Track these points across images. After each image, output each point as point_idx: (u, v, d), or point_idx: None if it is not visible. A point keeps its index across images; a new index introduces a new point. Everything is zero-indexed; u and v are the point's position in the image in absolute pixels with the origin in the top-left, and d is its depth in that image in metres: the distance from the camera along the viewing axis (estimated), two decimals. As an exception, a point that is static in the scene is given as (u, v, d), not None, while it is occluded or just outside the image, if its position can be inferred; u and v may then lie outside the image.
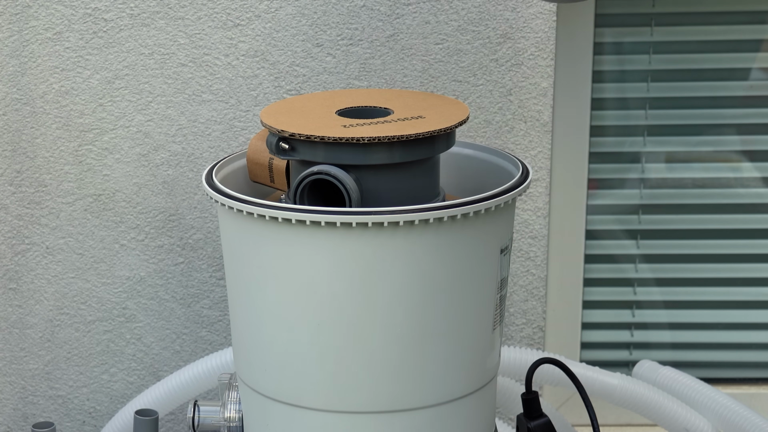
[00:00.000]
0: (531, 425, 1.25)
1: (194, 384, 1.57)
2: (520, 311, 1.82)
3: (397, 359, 1.07)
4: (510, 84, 1.70)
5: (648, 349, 1.98)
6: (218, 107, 1.71)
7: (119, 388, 1.85)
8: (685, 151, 1.90)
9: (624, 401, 1.58)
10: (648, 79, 1.87)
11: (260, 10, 1.67)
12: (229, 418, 1.21)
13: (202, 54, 1.69)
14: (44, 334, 1.82)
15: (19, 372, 1.84)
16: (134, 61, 1.69)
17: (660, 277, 1.95)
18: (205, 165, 1.73)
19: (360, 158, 1.06)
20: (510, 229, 1.15)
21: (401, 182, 1.10)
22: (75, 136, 1.72)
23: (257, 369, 1.14)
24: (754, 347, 1.97)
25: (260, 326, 1.12)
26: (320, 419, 1.11)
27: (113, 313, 1.81)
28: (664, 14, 1.83)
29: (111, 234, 1.77)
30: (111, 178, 1.74)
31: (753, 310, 1.96)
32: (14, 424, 1.87)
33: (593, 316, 1.96)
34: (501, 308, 1.15)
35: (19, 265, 1.79)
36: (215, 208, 1.70)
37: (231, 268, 1.15)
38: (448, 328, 1.09)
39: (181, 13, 1.67)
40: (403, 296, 1.05)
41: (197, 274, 1.79)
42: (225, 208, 1.08)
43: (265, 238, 1.06)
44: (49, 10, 1.67)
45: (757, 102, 1.88)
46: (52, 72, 1.70)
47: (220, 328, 1.82)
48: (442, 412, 1.12)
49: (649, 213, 1.92)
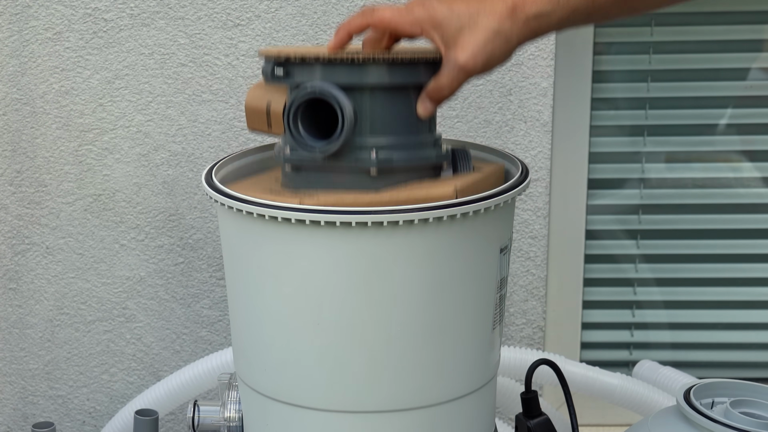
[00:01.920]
0: (530, 424, 1.25)
1: (194, 384, 1.57)
2: (520, 311, 1.82)
3: (396, 359, 1.07)
4: (510, 84, 1.70)
5: (648, 349, 1.98)
6: (218, 107, 1.71)
7: (119, 388, 1.85)
8: (685, 151, 1.90)
9: (624, 401, 1.58)
10: (648, 79, 1.87)
11: (260, 10, 1.67)
12: (229, 418, 1.21)
13: (202, 54, 1.69)
14: (44, 334, 1.82)
15: (19, 372, 1.84)
16: (134, 61, 1.69)
17: (660, 277, 1.95)
18: (205, 165, 1.73)
19: (355, 77, 1.05)
20: (510, 229, 1.15)
21: (397, 108, 1.08)
22: (75, 136, 1.72)
23: (257, 369, 1.14)
24: (754, 347, 1.97)
25: (260, 326, 1.11)
26: (320, 419, 1.11)
27: (113, 313, 1.81)
28: (664, 15, 1.83)
29: (111, 234, 1.77)
30: (111, 178, 1.74)
31: (753, 310, 1.96)
32: (14, 424, 1.87)
33: (593, 316, 1.96)
34: (501, 308, 1.15)
35: (19, 265, 1.79)
36: (215, 207, 1.70)
37: (231, 268, 1.15)
38: (447, 328, 1.09)
39: (181, 13, 1.67)
40: (403, 295, 1.05)
41: (197, 274, 1.79)
42: (225, 207, 1.08)
43: (265, 237, 1.06)
44: (49, 10, 1.67)
45: (756, 102, 1.88)
46: (52, 72, 1.70)
47: (220, 328, 1.82)
48: (442, 411, 1.12)
49: (649, 213, 1.92)
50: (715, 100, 1.88)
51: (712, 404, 1.19)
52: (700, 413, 1.13)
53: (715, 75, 1.87)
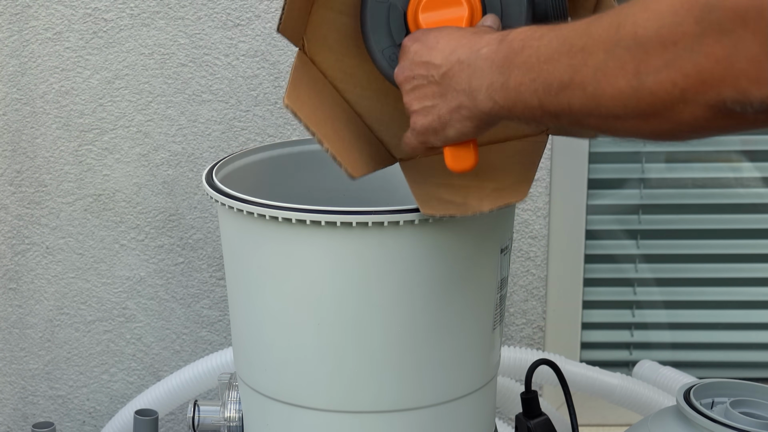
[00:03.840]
0: (530, 424, 1.25)
1: (194, 384, 1.57)
2: (520, 311, 1.82)
3: (397, 359, 1.07)
4: (510, 84, 1.70)
5: (648, 349, 1.98)
6: (218, 107, 1.71)
7: (119, 388, 1.85)
8: (685, 151, 1.90)
9: (624, 401, 1.58)
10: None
11: (260, 10, 1.67)
12: (229, 418, 1.21)
13: (202, 54, 1.69)
14: (44, 334, 1.82)
15: (19, 372, 1.84)
16: (134, 61, 1.69)
17: (660, 277, 1.95)
18: (205, 165, 1.73)
19: None
20: (510, 229, 1.15)
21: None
22: (75, 136, 1.72)
23: (257, 369, 1.14)
24: (754, 347, 1.97)
25: (260, 326, 1.11)
26: (320, 419, 1.11)
27: (113, 313, 1.81)
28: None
29: (111, 234, 1.77)
30: (111, 178, 1.74)
31: (753, 310, 1.96)
32: (14, 424, 1.87)
33: (593, 316, 1.96)
34: (501, 308, 1.15)
35: (19, 265, 1.79)
36: (215, 208, 1.70)
37: (231, 268, 1.15)
38: (448, 328, 1.08)
39: (181, 13, 1.67)
40: (403, 296, 1.05)
41: (197, 274, 1.79)
42: (225, 207, 1.08)
43: (265, 237, 1.06)
44: (49, 10, 1.67)
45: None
46: (52, 72, 1.70)
47: (220, 328, 1.82)
48: (443, 411, 1.12)
49: (649, 213, 1.92)
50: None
51: (712, 404, 1.19)
52: (700, 413, 1.13)
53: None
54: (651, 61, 0.70)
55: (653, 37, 0.70)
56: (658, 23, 0.69)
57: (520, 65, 0.82)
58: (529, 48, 0.82)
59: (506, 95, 0.84)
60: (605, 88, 0.74)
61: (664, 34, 0.69)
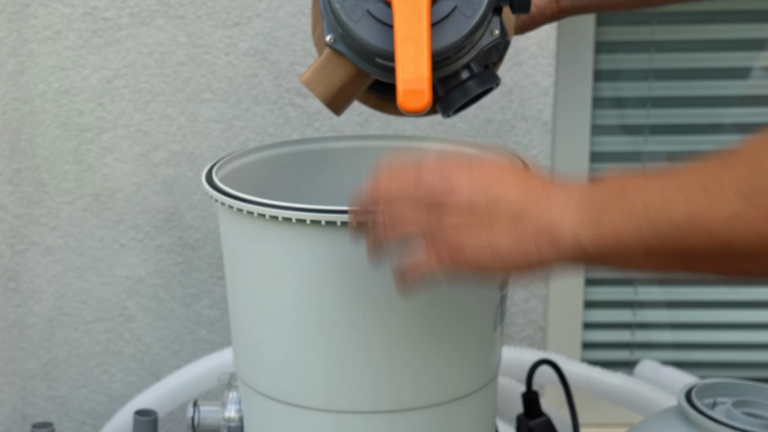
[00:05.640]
0: (531, 424, 1.25)
1: (194, 384, 1.57)
2: (521, 311, 1.81)
3: (397, 359, 1.07)
4: (511, 83, 1.70)
5: (649, 349, 1.98)
6: (218, 106, 1.70)
7: (119, 388, 1.85)
8: (686, 150, 1.90)
9: (625, 401, 1.57)
10: (649, 78, 1.86)
11: (260, 9, 1.67)
12: (229, 418, 1.21)
13: (202, 53, 1.68)
14: (43, 334, 1.82)
15: (18, 372, 1.84)
16: (134, 60, 1.69)
17: (662, 277, 1.95)
18: (204, 164, 1.72)
19: None
20: (511, 229, 1.15)
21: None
22: (74, 136, 1.72)
23: (257, 369, 1.14)
24: (757, 347, 1.97)
25: (260, 326, 1.11)
26: (320, 419, 1.10)
27: (113, 312, 1.80)
28: (666, 13, 1.83)
29: (110, 233, 1.76)
30: (110, 177, 1.74)
31: (756, 310, 1.96)
32: (13, 424, 1.87)
33: (594, 316, 1.96)
34: (502, 308, 1.15)
35: (19, 264, 1.78)
36: (215, 207, 1.69)
37: (231, 268, 1.15)
38: (448, 328, 1.08)
39: (181, 11, 1.67)
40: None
41: (197, 274, 1.79)
42: (225, 207, 1.08)
43: (265, 237, 1.05)
44: (48, 8, 1.67)
45: (759, 101, 1.87)
46: (52, 71, 1.69)
47: (220, 328, 1.81)
48: (443, 411, 1.12)
49: (650, 212, 1.91)
50: (718, 100, 1.87)
51: (714, 404, 1.18)
52: (701, 413, 1.13)
53: (718, 74, 1.86)
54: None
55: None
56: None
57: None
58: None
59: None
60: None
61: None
